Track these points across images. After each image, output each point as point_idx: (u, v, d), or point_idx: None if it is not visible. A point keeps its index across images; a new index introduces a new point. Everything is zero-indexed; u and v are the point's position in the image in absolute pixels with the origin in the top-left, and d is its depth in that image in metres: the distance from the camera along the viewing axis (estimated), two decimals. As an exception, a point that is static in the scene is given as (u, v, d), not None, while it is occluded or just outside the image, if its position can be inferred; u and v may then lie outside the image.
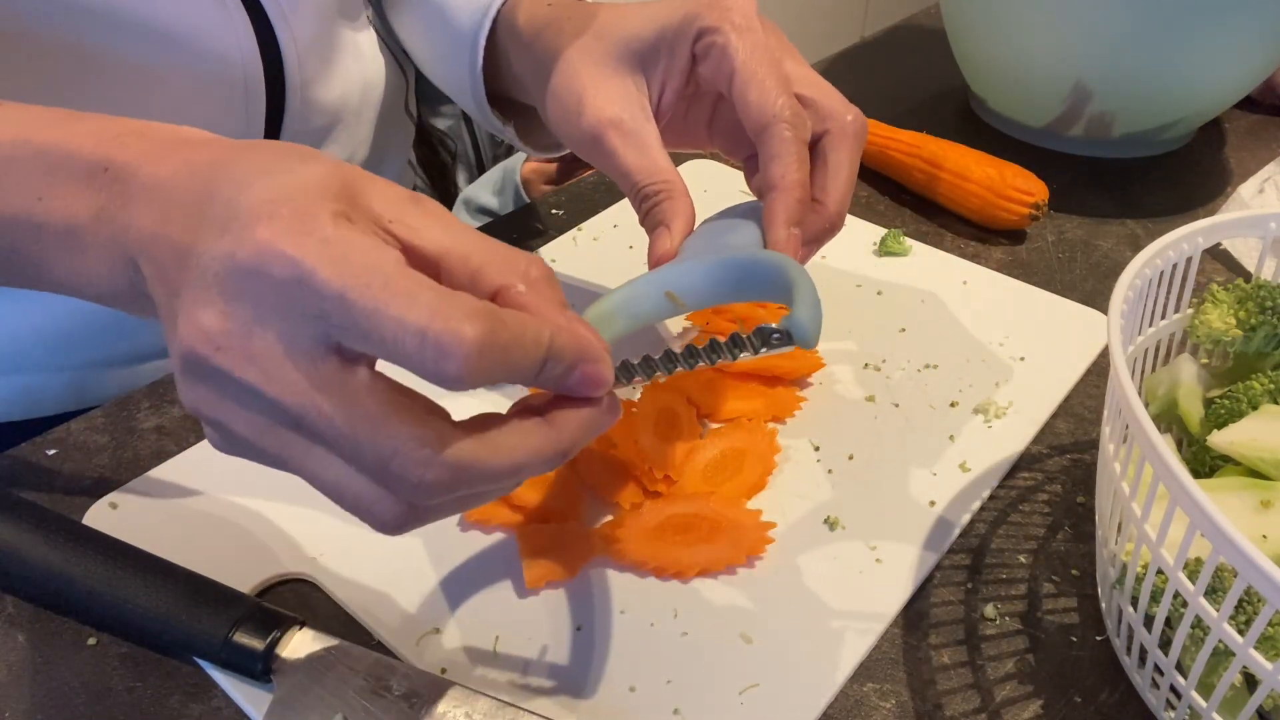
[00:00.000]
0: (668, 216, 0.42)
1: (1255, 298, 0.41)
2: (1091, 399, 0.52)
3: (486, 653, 0.38)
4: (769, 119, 0.40)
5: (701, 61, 0.42)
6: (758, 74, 0.41)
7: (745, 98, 0.41)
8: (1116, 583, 0.36)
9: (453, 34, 0.53)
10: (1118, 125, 0.72)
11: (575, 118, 0.43)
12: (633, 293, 0.38)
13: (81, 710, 0.37)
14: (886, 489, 0.46)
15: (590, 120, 0.42)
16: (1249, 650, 0.30)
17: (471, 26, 0.52)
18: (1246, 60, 0.67)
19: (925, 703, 0.38)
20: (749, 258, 0.38)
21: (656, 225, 0.42)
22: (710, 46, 0.41)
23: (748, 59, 0.41)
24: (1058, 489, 0.47)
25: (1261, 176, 0.70)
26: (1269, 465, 0.37)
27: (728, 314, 0.53)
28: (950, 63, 0.80)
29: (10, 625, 0.39)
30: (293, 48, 0.53)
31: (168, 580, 0.38)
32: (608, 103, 0.43)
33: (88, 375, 0.58)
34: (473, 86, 0.52)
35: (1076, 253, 0.64)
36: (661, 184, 0.42)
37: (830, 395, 0.51)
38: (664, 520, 0.42)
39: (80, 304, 0.55)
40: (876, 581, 0.41)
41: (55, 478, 0.46)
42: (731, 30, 0.41)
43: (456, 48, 0.53)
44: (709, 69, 0.42)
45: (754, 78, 0.41)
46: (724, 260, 0.38)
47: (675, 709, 0.37)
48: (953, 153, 0.66)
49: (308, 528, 0.43)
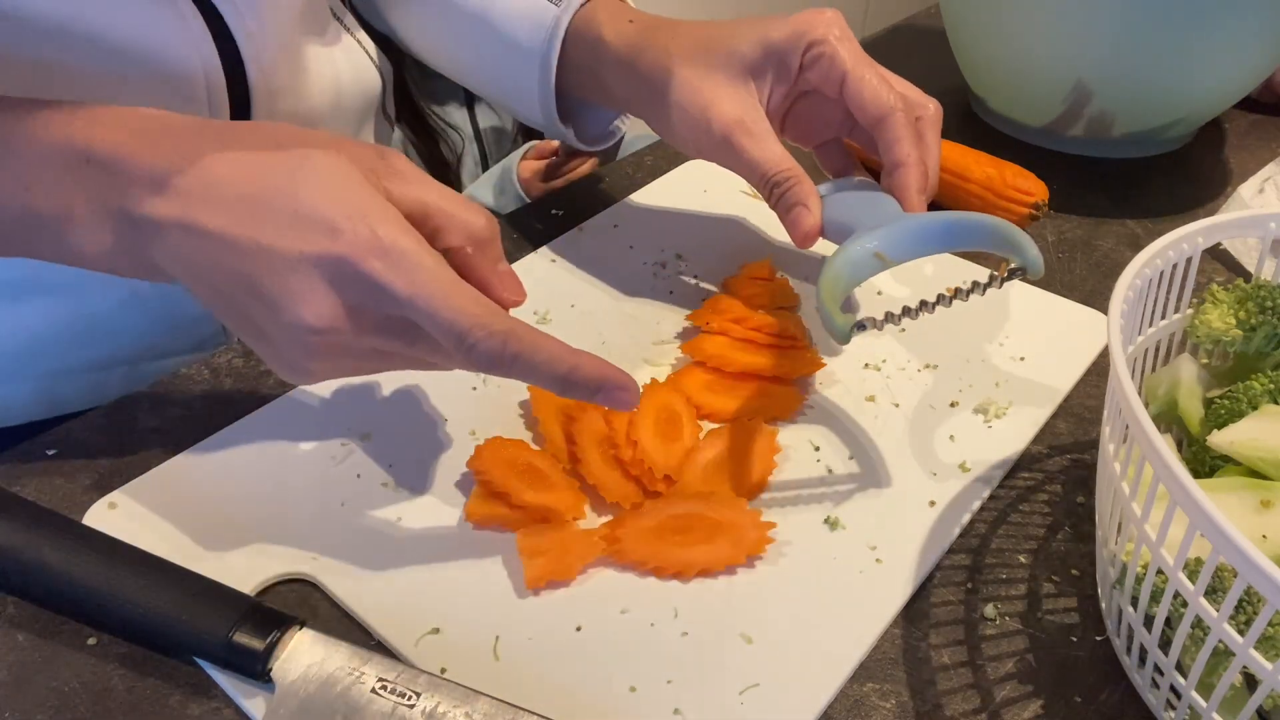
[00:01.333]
0: (803, 197, 0.49)
1: (1255, 298, 0.41)
2: (1091, 399, 0.52)
3: (486, 653, 0.38)
4: (886, 111, 0.49)
5: (809, 69, 0.50)
6: (866, 76, 0.49)
7: (860, 96, 0.49)
8: (1116, 583, 0.36)
9: (505, 45, 0.57)
10: (1118, 125, 0.72)
11: (705, 124, 0.50)
12: (850, 256, 0.45)
13: (81, 710, 0.37)
14: (886, 489, 0.46)
15: (719, 126, 0.50)
16: (1249, 650, 0.30)
17: (533, 42, 0.56)
18: (1246, 60, 0.67)
19: (925, 703, 0.38)
20: (957, 218, 0.46)
21: (793, 206, 0.49)
22: (819, 56, 0.50)
23: (855, 65, 0.49)
24: (1058, 489, 0.47)
25: (1261, 176, 0.70)
26: (1269, 465, 0.37)
27: (728, 314, 0.53)
28: (950, 63, 0.80)
29: (10, 625, 0.39)
30: (255, 60, 0.53)
31: (168, 580, 0.38)
32: (731, 108, 0.50)
33: (56, 383, 0.58)
34: (542, 100, 0.57)
35: (1076, 253, 0.64)
36: (788, 171, 0.49)
37: (830, 395, 0.51)
38: (664, 520, 0.42)
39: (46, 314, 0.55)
40: (876, 581, 0.41)
41: (55, 478, 0.46)
42: (836, 42, 0.49)
43: (512, 59, 0.57)
44: (818, 75, 0.50)
45: (864, 79, 0.49)
46: (929, 224, 0.46)
47: (675, 709, 0.37)
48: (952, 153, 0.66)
49: (308, 528, 0.43)
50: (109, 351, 0.58)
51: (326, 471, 0.46)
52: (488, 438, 0.46)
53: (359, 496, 0.44)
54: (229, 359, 0.53)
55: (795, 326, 0.53)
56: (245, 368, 0.52)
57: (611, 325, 0.55)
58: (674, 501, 0.43)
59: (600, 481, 0.44)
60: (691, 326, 0.55)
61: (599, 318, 0.56)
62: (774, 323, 0.52)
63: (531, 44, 0.56)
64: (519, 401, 0.50)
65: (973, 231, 0.46)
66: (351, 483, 0.45)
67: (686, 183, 0.68)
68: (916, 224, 0.46)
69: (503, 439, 0.46)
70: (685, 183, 0.68)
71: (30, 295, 0.55)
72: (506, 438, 0.46)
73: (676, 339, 0.55)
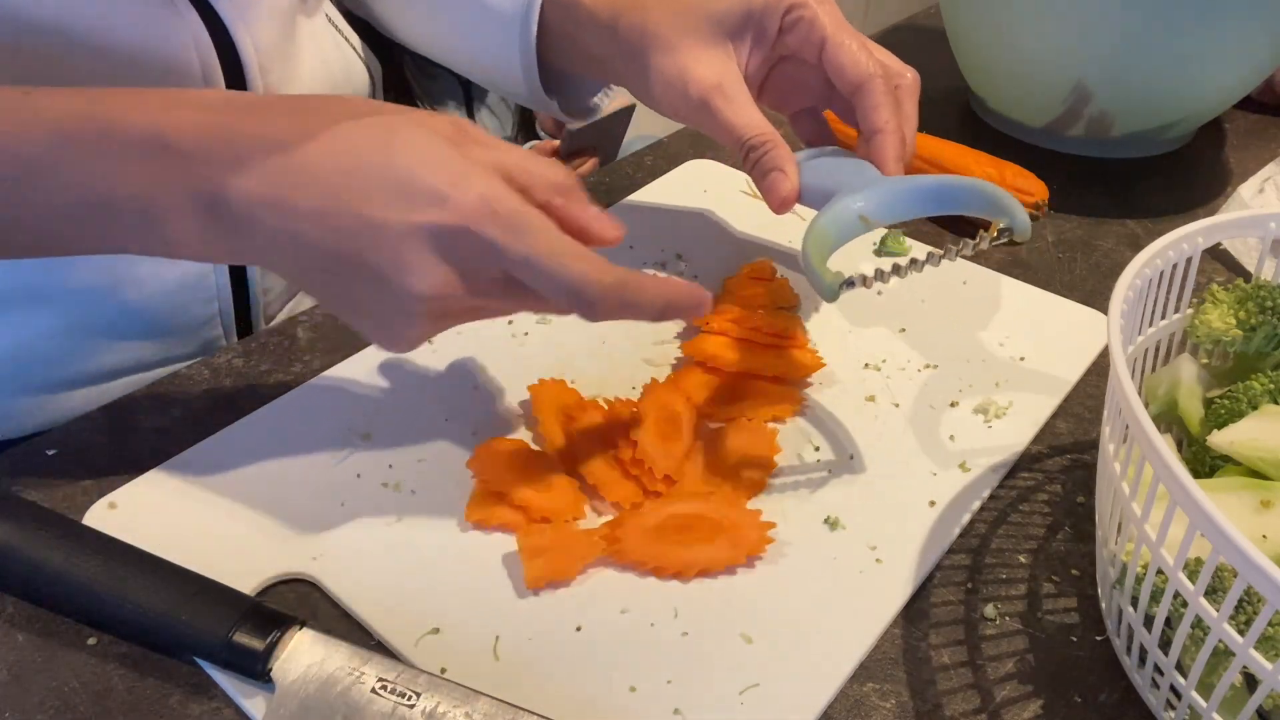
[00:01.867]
0: (779, 162, 0.48)
1: (1255, 298, 0.41)
2: (1091, 399, 0.52)
3: (486, 653, 0.38)
4: (865, 77, 0.48)
5: (789, 33, 0.50)
6: (845, 42, 0.49)
7: (839, 60, 0.49)
8: (1116, 583, 0.36)
9: (484, 11, 0.55)
10: (1118, 125, 0.72)
11: (681, 87, 0.49)
12: (835, 217, 0.45)
13: (81, 710, 0.37)
14: (886, 489, 0.46)
15: (695, 89, 0.49)
16: (1249, 650, 0.30)
17: (514, 9, 0.54)
18: (1246, 60, 0.67)
19: (925, 703, 0.38)
20: (942, 180, 0.47)
21: (769, 171, 0.48)
22: (798, 20, 0.49)
23: (835, 30, 0.49)
24: (1058, 489, 0.47)
25: (1261, 176, 0.70)
26: (1269, 465, 0.37)
27: (728, 314, 0.53)
28: (950, 63, 0.80)
29: (10, 625, 0.39)
30: (252, 52, 0.53)
31: (167, 580, 0.38)
32: (709, 71, 0.49)
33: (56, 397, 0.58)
34: (524, 67, 0.56)
35: (1076, 253, 0.64)
36: (766, 135, 0.49)
37: (830, 395, 0.51)
38: (664, 520, 0.42)
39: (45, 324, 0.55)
40: (876, 581, 0.41)
41: (55, 478, 0.46)
42: (816, 5, 0.49)
43: (492, 30, 0.55)
44: (796, 39, 0.50)
45: (844, 44, 0.49)
46: (913, 186, 0.46)
47: (675, 709, 0.37)
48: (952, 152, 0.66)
49: (308, 528, 0.43)
50: (111, 364, 0.58)
51: (326, 471, 0.46)
52: (488, 438, 0.46)
53: (359, 496, 0.44)
54: (229, 359, 0.53)
55: (795, 326, 0.53)
56: (245, 368, 0.52)
57: (612, 325, 0.55)
58: (674, 501, 0.43)
59: (600, 481, 0.44)
60: (691, 326, 0.55)
61: (599, 318, 0.56)
62: (774, 323, 0.52)
63: (511, 8, 0.55)
64: (519, 401, 0.50)
65: (959, 194, 0.46)
66: (351, 483, 0.45)
67: (686, 183, 0.68)
68: (902, 186, 0.46)
69: (503, 439, 0.46)
70: (685, 183, 0.68)
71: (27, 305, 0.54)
72: (506, 438, 0.46)
73: (676, 339, 0.54)
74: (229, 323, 0.61)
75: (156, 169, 0.37)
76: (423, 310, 0.38)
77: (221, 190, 0.37)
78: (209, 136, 0.37)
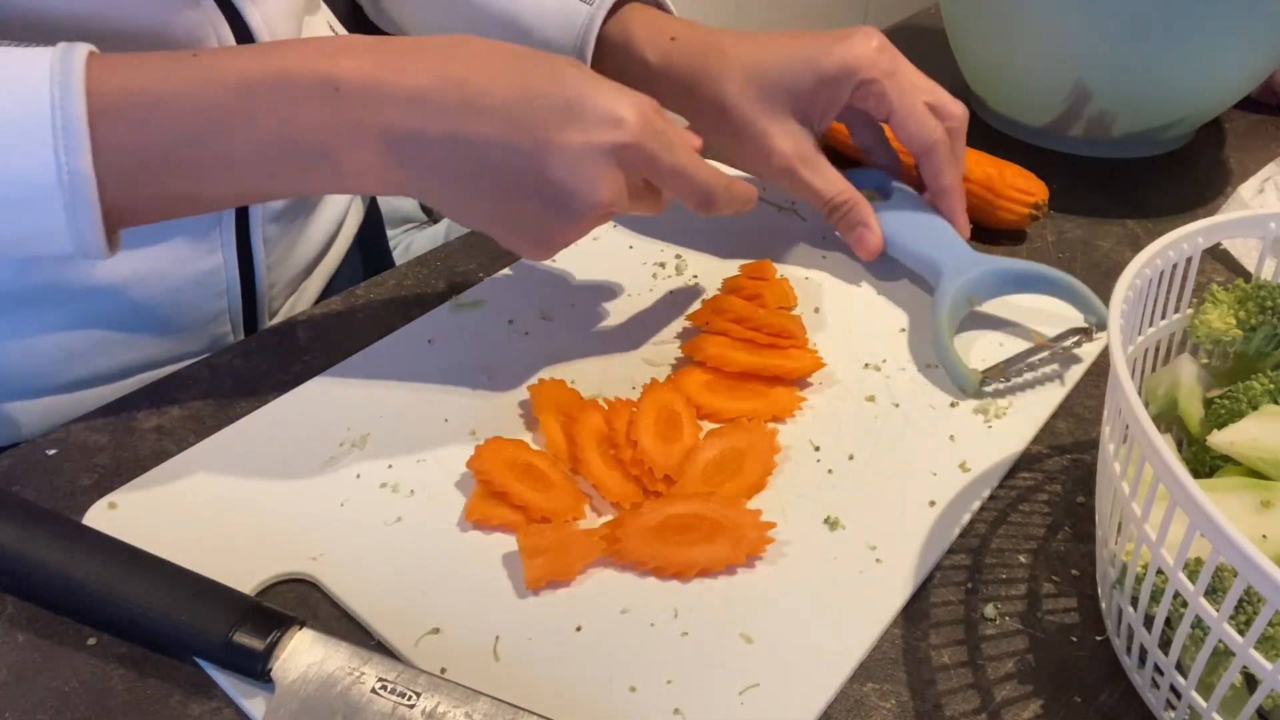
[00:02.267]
0: (864, 217, 0.57)
1: (1255, 298, 0.41)
2: (1091, 399, 0.52)
3: (486, 653, 0.38)
4: (931, 144, 0.56)
5: (859, 101, 0.56)
6: (913, 111, 0.55)
7: (906, 129, 0.56)
8: (1116, 583, 0.36)
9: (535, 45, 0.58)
10: (1118, 125, 0.72)
11: (766, 156, 0.56)
12: (953, 305, 0.53)
13: (81, 710, 0.37)
14: (886, 489, 0.46)
15: (779, 160, 0.56)
16: (1249, 650, 0.30)
17: (564, 39, 0.57)
18: (1247, 60, 0.67)
19: (925, 703, 0.38)
20: (1034, 269, 0.55)
21: (855, 225, 0.57)
22: (869, 94, 0.55)
23: (900, 100, 0.55)
24: (1058, 489, 0.47)
25: (1261, 176, 0.70)
26: (1269, 465, 0.37)
27: (728, 314, 0.53)
28: (950, 63, 0.80)
29: (10, 625, 0.39)
30: (268, 37, 0.54)
31: (167, 580, 0.38)
32: (789, 143, 0.56)
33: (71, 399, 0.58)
34: None
35: (1076, 253, 0.64)
36: (847, 195, 0.56)
37: (830, 395, 0.51)
38: (664, 520, 0.42)
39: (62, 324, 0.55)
40: (876, 581, 0.41)
41: (55, 478, 0.46)
42: (885, 78, 0.55)
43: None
44: (865, 105, 0.56)
45: (910, 114, 0.55)
46: (1007, 270, 0.55)
47: (675, 709, 0.37)
48: (953, 153, 0.66)
49: (308, 528, 0.43)
50: (122, 363, 0.58)
51: (326, 471, 0.46)
52: (488, 438, 0.46)
53: (359, 496, 0.44)
54: (229, 359, 0.53)
55: (795, 326, 0.53)
56: (245, 368, 0.52)
57: (611, 325, 0.55)
58: (674, 501, 0.43)
59: (600, 481, 0.44)
60: (691, 326, 0.55)
61: (599, 318, 0.56)
62: (774, 323, 0.52)
63: (563, 42, 0.57)
64: (519, 401, 0.50)
65: (1046, 283, 0.54)
66: (351, 483, 0.45)
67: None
68: (1000, 271, 0.54)
69: (503, 439, 0.46)
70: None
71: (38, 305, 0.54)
72: (506, 438, 0.46)
73: (676, 339, 0.55)
74: (237, 318, 0.61)
75: (330, 112, 0.41)
76: (594, 216, 0.44)
77: (399, 127, 0.41)
78: (376, 80, 0.41)
